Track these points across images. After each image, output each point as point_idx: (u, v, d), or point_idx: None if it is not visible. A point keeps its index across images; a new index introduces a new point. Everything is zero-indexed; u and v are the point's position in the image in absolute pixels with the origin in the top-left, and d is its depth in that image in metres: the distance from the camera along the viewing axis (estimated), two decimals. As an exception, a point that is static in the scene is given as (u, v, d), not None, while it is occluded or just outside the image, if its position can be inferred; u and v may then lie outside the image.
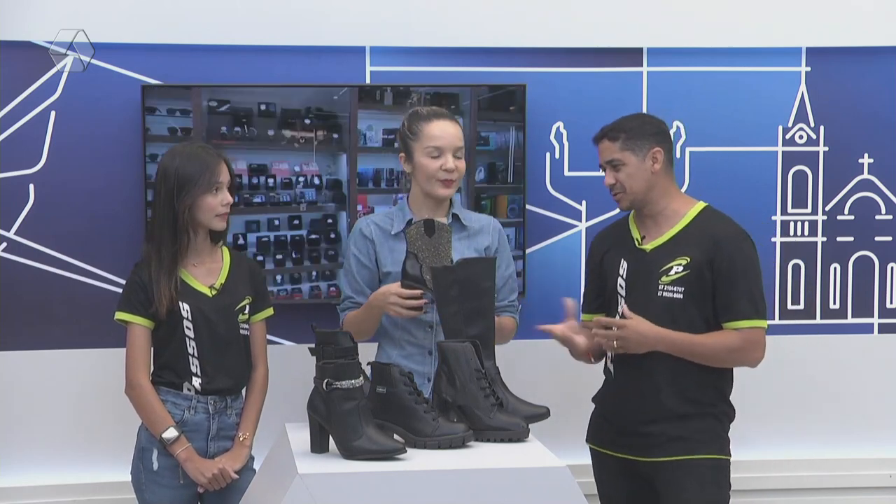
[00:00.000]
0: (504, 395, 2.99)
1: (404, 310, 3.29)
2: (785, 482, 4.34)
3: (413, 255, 3.27)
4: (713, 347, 3.35)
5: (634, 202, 3.44)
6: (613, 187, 3.45)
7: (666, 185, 3.46)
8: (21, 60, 4.00)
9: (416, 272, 3.26)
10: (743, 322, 3.35)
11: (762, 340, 3.38)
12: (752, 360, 3.41)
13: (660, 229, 3.45)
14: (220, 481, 3.35)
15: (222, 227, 3.40)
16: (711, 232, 3.39)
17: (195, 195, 3.32)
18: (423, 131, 3.42)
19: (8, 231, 4.03)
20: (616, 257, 3.48)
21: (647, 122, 3.47)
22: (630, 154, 3.41)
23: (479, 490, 2.63)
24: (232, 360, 3.42)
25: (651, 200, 3.44)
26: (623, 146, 3.41)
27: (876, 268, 4.40)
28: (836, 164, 4.37)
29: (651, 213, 3.45)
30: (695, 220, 3.43)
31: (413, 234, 3.27)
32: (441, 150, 3.40)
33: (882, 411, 4.40)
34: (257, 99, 4.02)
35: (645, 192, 3.42)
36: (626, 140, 3.41)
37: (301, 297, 4.10)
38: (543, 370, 4.13)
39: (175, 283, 3.34)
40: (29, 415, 4.08)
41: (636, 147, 3.41)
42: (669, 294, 3.37)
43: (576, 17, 4.22)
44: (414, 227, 3.29)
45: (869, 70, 4.34)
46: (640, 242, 3.45)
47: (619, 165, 3.42)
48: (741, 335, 3.35)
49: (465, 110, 4.12)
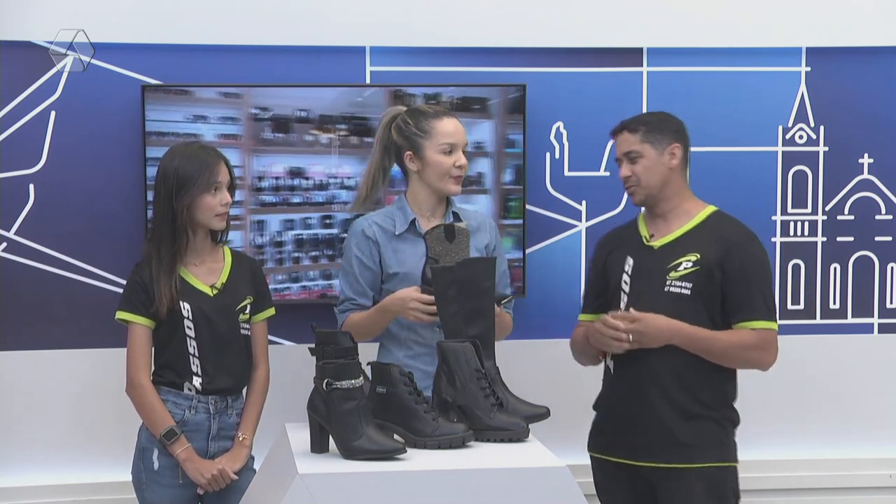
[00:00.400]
0: (504, 395, 2.99)
1: (426, 315, 3.27)
2: (785, 482, 4.34)
3: (433, 260, 3.25)
4: (729, 343, 3.33)
5: (648, 197, 3.43)
6: (628, 180, 3.44)
7: (680, 184, 3.46)
8: (21, 60, 4.00)
9: None
10: (759, 322, 3.34)
11: (776, 343, 3.38)
12: (766, 362, 3.39)
13: (669, 227, 3.44)
14: (219, 482, 3.35)
15: (221, 226, 3.40)
16: (723, 233, 3.40)
17: (194, 195, 3.32)
18: (436, 128, 3.42)
19: (8, 231, 4.03)
20: (621, 256, 3.47)
21: (667, 119, 3.49)
22: (649, 147, 3.41)
23: (479, 490, 2.62)
24: (233, 359, 3.42)
25: (664, 197, 3.43)
26: (643, 138, 3.42)
27: (876, 268, 4.40)
28: (836, 164, 4.37)
29: (662, 211, 3.45)
30: (705, 221, 3.44)
31: (433, 240, 3.26)
32: (454, 147, 3.41)
33: (882, 411, 4.40)
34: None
35: (660, 188, 3.42)
36: (646, 133, 3.42)
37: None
38: (543, 370, 4.13)
39: (175, 283, 3.34)
40: (29, 415, 4.08)
41: (655, 140, 3.42)
42: (677, 290, 3.36)
43: (576, 17, 4.22)
44: (434, 232, 3.27)
45: (869, 70, 4.34)
46: (648, 240, 3.45)
47: (636, 157, 3.42)
48: (757, 334, 3.34)
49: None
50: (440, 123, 3.42)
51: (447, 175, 3.41)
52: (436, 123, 3.43)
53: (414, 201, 3.47)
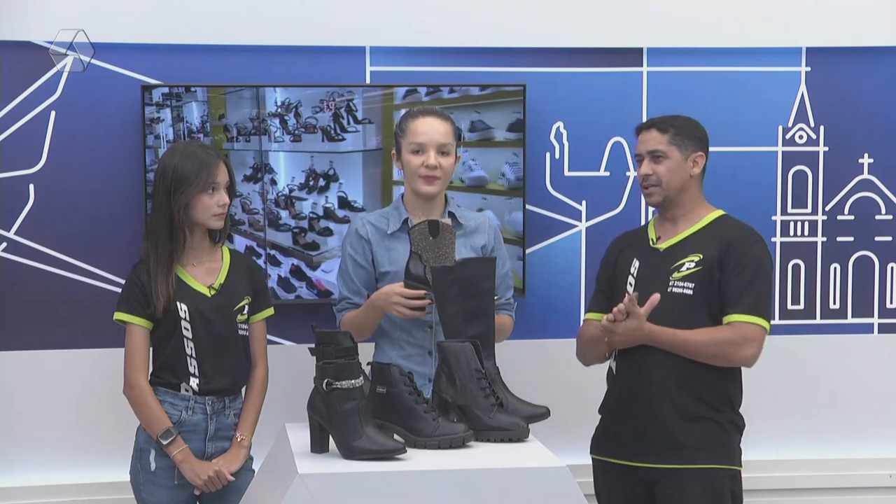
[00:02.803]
0: (504, 395, 2.99)
1: (408, 310, 3.29)
2: (785, 482, 4.34)
3: (417, 255, 3.26)
4: (700, 340, 3.32)
5: (666, 199, 3.43)
6: (648, 178, 3.43)
7: (696, 193, 3.47)
8: (21, 60, 4.00)
9: (419, 272, 3.25)
10: (739, 316, 3.33)
11: (758, 339, 3.34)
12: (742, 357, 3.35)
13: (676, 229, 3.45)
14: (216, 483, 3.34)
15: (219, 226, 3.40)
16: (725, 233, 3.40)
17: (191, 194, 3.32)
18: (409, 128, 3.43)
19: (8, 231, 4.03)
20: (629, 257, 3.48)
21: (696, 126, 3.49)
22: (675, 149, 3.42)
23: (479, 490, 2.62)
24: (230, 360, 3.41)
25: (680, 203, 3.44)
26: (671, 140, 3.42)
27: (876, 268, 4.40)
28: (836, 164, 4.37)
29: (674, 216, 3.45)
30: (711, 224, 3.44)
31: (417, 235, 3.26)
32: (423, 147, 3.40)
33: (882, 411, 4.40)
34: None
35: (678, 192, 3.42)
36: (675, 135, 3.42)
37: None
38: (543, 370, 4.13)
39: (172, 282, 3.34)
40: (29, 415, 4.08)
41: (682, 144, 3.42)
42: (679, 290, 3.36)
43: (576, 17, 4.22)
44: (418, 227, 3.28)
45: (869, 70, 4.35)
46: (655, 242, 3.46)
47: (661, 157, 3.42)
48: (733, 329, 3.32)
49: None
50: (414, 123, 3.43)
51: (416, 175, 3.42)
52: (411, 123, 3.44)
53: (408, 201, 3.48)
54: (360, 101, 4.06)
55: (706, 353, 3.33)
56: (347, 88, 4.07)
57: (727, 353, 3.34)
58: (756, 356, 3.36)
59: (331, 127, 4.07)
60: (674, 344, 3.33)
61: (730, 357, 3.35)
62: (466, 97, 4.11)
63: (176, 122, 4.00)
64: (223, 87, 4.04)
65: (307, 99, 4.05)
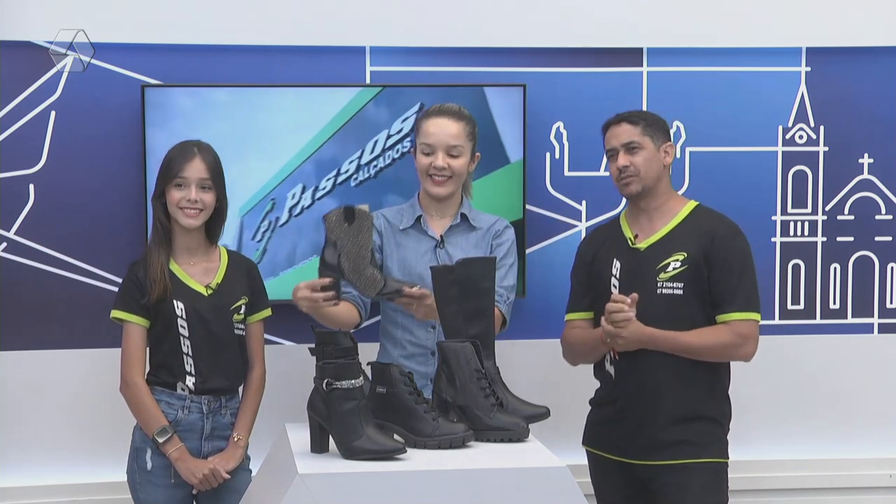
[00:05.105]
0: (504, 395, 2.99)
1: (306, 302, 3.18)
2: (785, 482, 4.33)
3: (332, 242, 3.17)
4: (704, 345, 3.35)
5: (644, 189, 3.44)
6: (626, 170, 3.43)
7: (668, 183, 3.51)
8: (21, 60, 4.00)
9: (333, 260, 3.16)
10: (734, 315, 3.36)
11: (754, 334, 3.39)
12: (744, 355, 3.41)
13: (653, 226, 3.46)
14: (211, 481, 3.35)
15: (188, 223, 3.38)
16: (706, 227, 3.42)
17: (160, 185, 3.39)
18: (421, 128, 3.46)
19: (8, 231, 4.03)
20: (608, 257, 3.48)
21: (660, 119, 3.53)
22: (649, 139, 3.45)
23: (479, 490, 2.63)
24: (227, 359, 3.42)
25: (656, 193, 3.45)
26: (644, 131, 3.45)
27: (876, 268, 4.39)
28: (836, 164, 4.37)
29: (648, 207, 3.46)
30: (688, 218, 3.46)
31: (332, 221, 3.16)
32: (433, 148, 3.42)
33: (882, 411, 4.40)
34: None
35: (654, 181, 3.44)
36: (647, 126, 3.45)
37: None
38: (543, 370, 4.13)
39: (166, 271, 3.34)
40: (28, 415, 4.08)
41: (654, 135, 3.45)
42: (669, 291, 3.37)
43: (576, 17, 4.22)
44: (334, 213, 3.18)
45: (869, 70, 4.34)
46: (633, 242, 3.46)
47: (636, 149, 3.43)
48: (732, 330, 3.36)
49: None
50: (426, 123, 3.45)
51: (425, 175, 3.43)
52: (423, 123, 3.46)
53: (423, 199, 3.52)
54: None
55: (708, 356, 3.37)
56: (347, 88, 4.07)
57: (730, 354, 3.40)
58: (755, 350, 3.42)
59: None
60: (675, 348, 3.34)
61: (732, 357, 3.41)
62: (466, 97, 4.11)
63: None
64: (223, 87, 4.03)
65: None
